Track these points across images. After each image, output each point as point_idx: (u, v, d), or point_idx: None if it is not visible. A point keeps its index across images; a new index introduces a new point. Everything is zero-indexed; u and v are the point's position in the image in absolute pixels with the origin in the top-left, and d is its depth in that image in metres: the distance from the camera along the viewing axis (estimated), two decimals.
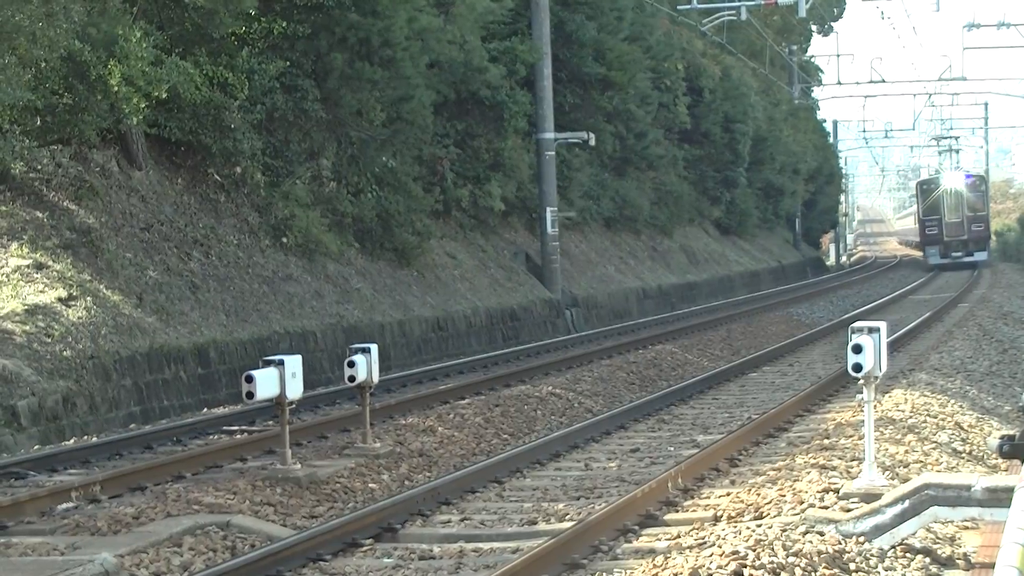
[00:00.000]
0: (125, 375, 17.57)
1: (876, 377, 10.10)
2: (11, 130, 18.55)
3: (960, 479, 8.43)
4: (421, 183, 28.58)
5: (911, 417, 14.40)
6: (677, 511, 10.68)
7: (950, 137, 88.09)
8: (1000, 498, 8.02)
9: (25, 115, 19.02)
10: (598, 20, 36.63)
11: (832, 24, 77.55)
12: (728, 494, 10.95)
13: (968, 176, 67.38)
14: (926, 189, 66.09)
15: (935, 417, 14.74)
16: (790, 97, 68.89)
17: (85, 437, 15.93)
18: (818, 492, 10.16)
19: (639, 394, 19.89)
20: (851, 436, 13.04)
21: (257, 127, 23.74)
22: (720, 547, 8.24)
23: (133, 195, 21.55)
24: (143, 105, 19.49)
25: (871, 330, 10.00)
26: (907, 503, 8.37)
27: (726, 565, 7.82)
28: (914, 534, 8.57)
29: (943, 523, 8.94)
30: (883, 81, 68.32)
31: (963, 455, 12.83)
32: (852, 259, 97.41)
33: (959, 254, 63.58)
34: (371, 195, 26.58)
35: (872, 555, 8.23)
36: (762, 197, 59.28)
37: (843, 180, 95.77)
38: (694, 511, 10.56)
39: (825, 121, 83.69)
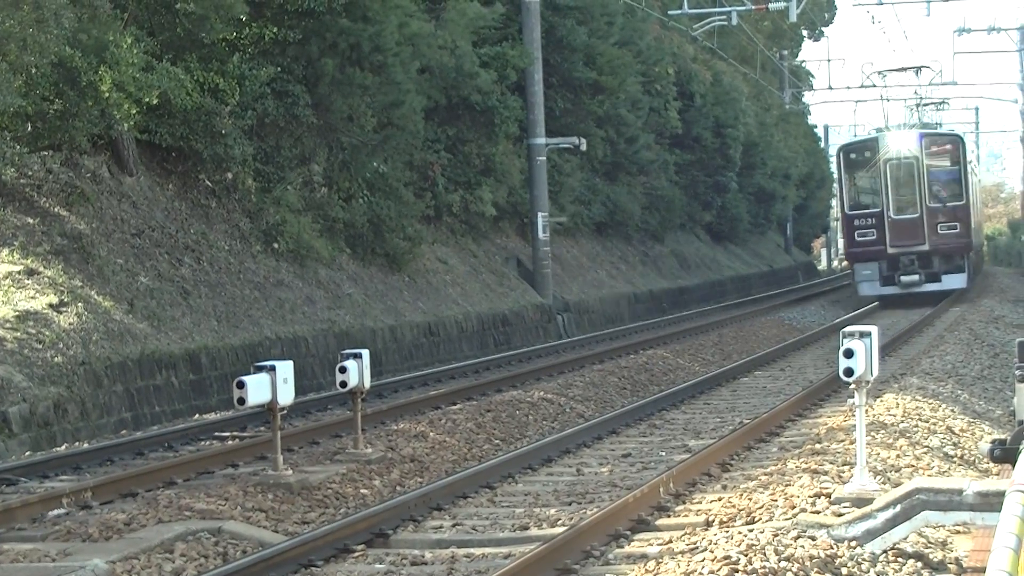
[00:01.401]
0: (116, 381, 17.54)
1: (867, 381, 10.11)
2: (2, 136, 18.52)
3: (951, 483, 8.43)
4: (412, 188, 28.59)
5: (902, 421, 14.41)
6: (669, 516, 10.67)
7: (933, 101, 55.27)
8: (991, 502, 8.03)
9: (16, 121, 19.01)
10: (589, 25, 36.66)
11: (823, 29, 77.64)
12: (720, 499, 10.95)
13: (922, 135, 37.35)
14: (854, 160, 37.28)
15: (926, 421, 14.75)
16: (781, 102, 68.88)
17: (76, 443, 15.90)
18: (810, 497, 10.18)
19: (631, 399, 19.88)
20: (843, 441, 13.04)
21: (248, 133, 23.73)
22: (712, 552, 8.24)
23: (124, 201, 21.53)
24: (134, 111, 19.49)
25: (862, 334, 10.00)
26: (899, 507, 8.38)
27: (718, 570, 7.82)
28: (906, 538, 8.57)
29: (935, 527, 8.95)
30: (874, 86, 68.24)
31: (954, 459, 12.83)
32: (844, 263, 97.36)
33: (915, 277, 36.28)
34: (362, 200, 26.57)
35: (864, 559, 8.23)
36: (753, 202, 59.23)
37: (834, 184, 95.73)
38: (686, 516, 10.56)
39: (816, 126, 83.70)
